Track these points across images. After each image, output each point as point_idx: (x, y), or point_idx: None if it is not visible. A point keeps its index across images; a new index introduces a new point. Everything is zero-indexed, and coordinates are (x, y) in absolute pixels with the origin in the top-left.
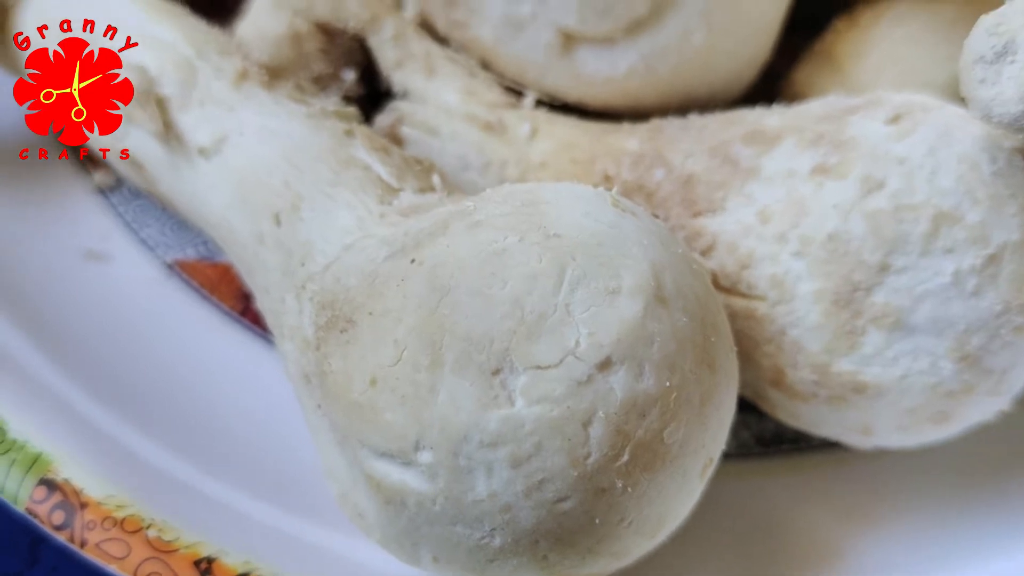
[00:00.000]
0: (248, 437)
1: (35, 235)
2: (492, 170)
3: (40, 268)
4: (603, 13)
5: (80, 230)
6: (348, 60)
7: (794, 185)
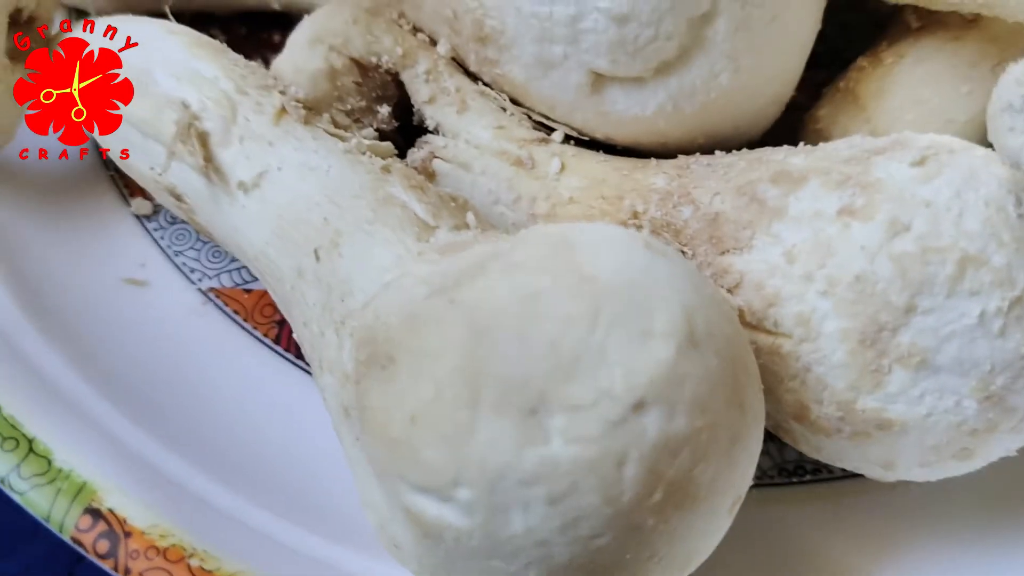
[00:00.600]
0: (286, 465)
1: (75, 261)
2: (522, 204)
3: (80, 294)
4: (633, 55)
5: (118, 256)
6: (382, 95)
7: (821, 226)
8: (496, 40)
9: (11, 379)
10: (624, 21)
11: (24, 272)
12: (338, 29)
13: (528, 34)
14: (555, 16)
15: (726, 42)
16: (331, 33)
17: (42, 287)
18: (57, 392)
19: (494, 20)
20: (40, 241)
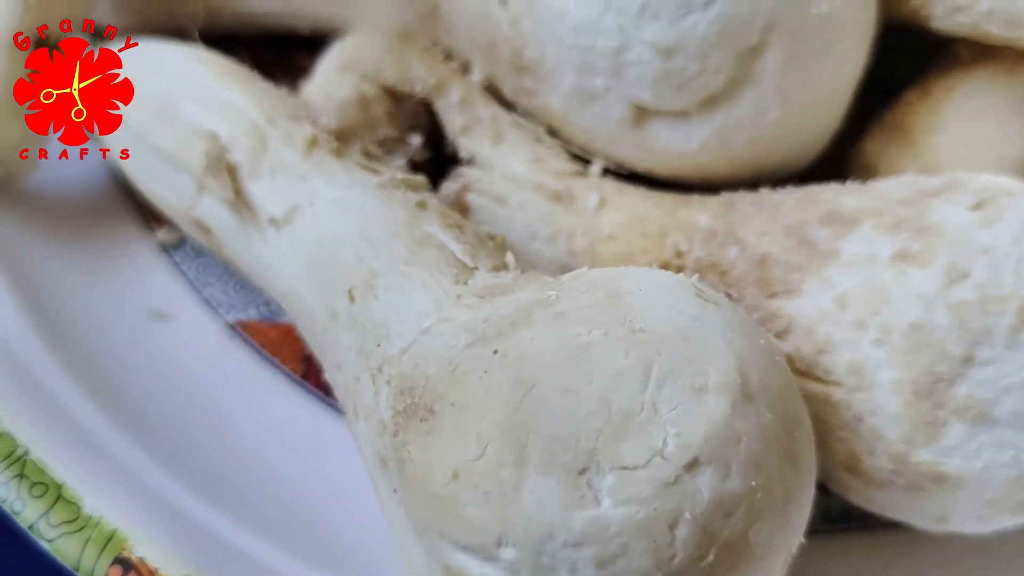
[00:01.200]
0: (316, 510)
1: (100, 294)
2: (560, 241)
3: (106, 328)
4: (679, 89)
5: (144, 289)
6: (414, 124)
7: (874, 271)
8: (535, 70)
9: (38, 420)
10: (670, 54)
11: (49, 305)
12: (370, 57)
13: (569, 65)
14: (598, 48)
15: (775, 76)
16: (363, 61)
17: (67, 321)
18: (84, 433)
19: (533, 50)
20: (65, 272)
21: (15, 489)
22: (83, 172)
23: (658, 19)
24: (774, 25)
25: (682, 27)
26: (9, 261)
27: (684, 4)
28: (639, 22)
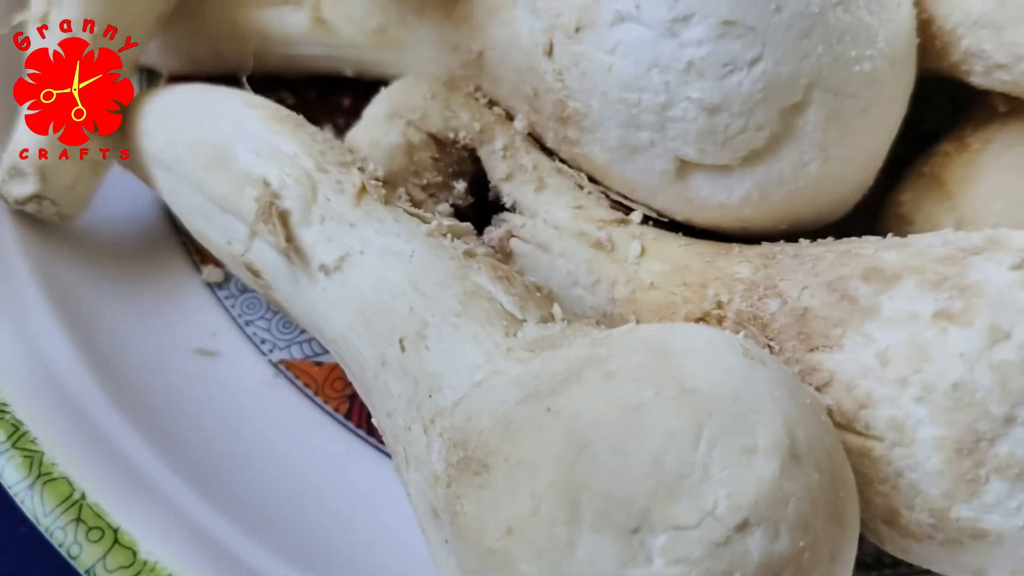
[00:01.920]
0: (360, 548)
1: (148, 331)
2: (601, 288)
3: (154, 366)
4: (723, 145)
5: (190, 326)
6: (459, 170)
7: (916, 329)
8: (578, 122)
9: (94, 463)
10: (715, 111)
11: (101, 343)
12: (416, 104)
13: (614, 119)
14: (644, 103)
15: (817, 132)
16: (409, 108)
17: (117, 358)
18: (138, 475)
19: (578, 102)
20: (116, 309)
21: (72, 533)
22: (132, 209)
23: (704, 77)
24: (817, 83)
25: (727, 85)
26: (61, 298)
27: (729, 62)
28: (685, 79)
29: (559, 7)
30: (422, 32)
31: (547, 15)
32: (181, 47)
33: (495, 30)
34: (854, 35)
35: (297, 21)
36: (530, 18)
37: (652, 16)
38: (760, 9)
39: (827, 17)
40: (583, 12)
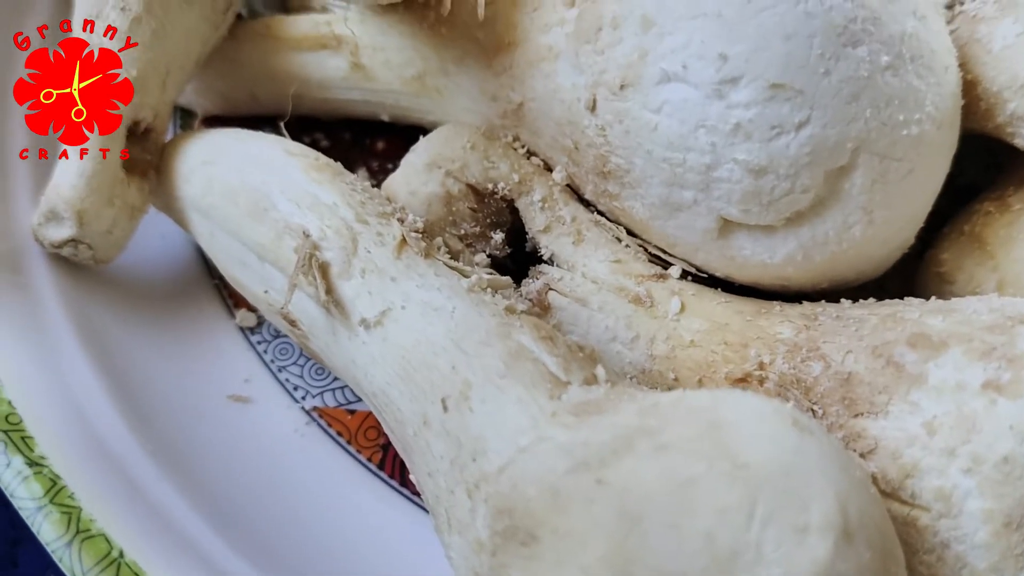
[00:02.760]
0: None
1: (181, 377)
2: (640, 344)
3: (187, 413)
4: (767, 206)
5: (223, 371)
6: (497, 220)
7: (964, 399)
8: (620, 177)
9: (130, 517)
10: (761, 173)
11: (134, 390)
12: (456, 155)
13: (657, 177)
14: (689, 163)
15: (862, 195)
16: (449, 158)
17: (152, 406)
18: (172, 528)
19: (620, 159)
20: (148, 355)
21: None
22: (165, 250)
23: (750, 139)
24: (864, 147)
25: (774, 148)
26: (96, 343)
27: (777, 125)
28: (731, 141)
29: (603, 64)
30: (461, 81)
31: (590, 71)
32: (216, 88)
33: (536, 82)
34: (902, 99)
35: (335, 66)
36: (572, 72)
37: (699, 77)
38: (809, 73)
39: (876, 82)
40: (628, 70)
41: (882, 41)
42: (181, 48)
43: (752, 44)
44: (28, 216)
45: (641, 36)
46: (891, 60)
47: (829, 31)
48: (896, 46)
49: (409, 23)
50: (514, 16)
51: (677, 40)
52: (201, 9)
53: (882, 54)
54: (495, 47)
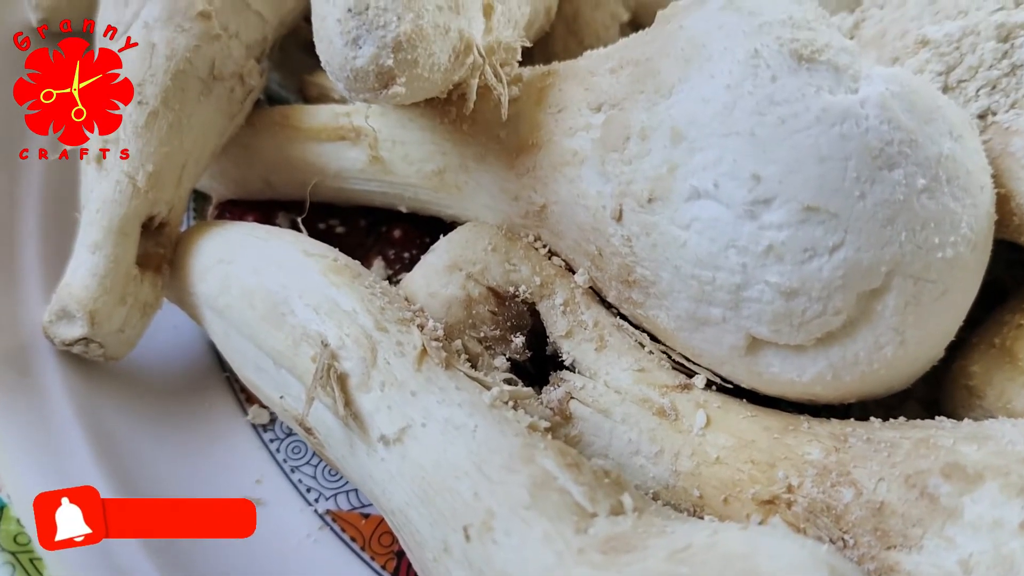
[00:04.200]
0: None
1: (192, 478)
2: (664, 459)
3: None
4: (798, 328)
5: (235, 471)
6: (517, 324)
7: (1001, 538)
8: (645, 288)
9: None
10: (793, 295)
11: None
12: (477, 257)
13: (684, 292)
14: (718, 281)
15: (895, 316)
16: (469, 261)
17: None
18: None
19: (646, 270)
20: (158, 454)
21: None
22: (176, 342)
23: (783, 261)
24: (898, 269)
25: (806, 270)
26: (105, 442)
27: (810, 248)
28: (763, 262)
29: (630, 174)
30: (482, 179)
31: (617, 179)
32: (231, 174)
33: (559, 186)
34: (938, 222)
35: (353, 158)
36: (598, 179)
37: (731, 196)
38: (844, 196)
39: (912, 205)
40: (657, 183)
41: (918, 163)
42: (198, 141)
43: (786, 165)
44: (36, 309)
45: (671, 149)
46: (927, 183)
47: (865, 154)
48: (932, 168)
49: (430, 118)
50: (537, 116)
51: (708, 157)
52: (218, 101)
53: (918, 177)
54: (517, 147)
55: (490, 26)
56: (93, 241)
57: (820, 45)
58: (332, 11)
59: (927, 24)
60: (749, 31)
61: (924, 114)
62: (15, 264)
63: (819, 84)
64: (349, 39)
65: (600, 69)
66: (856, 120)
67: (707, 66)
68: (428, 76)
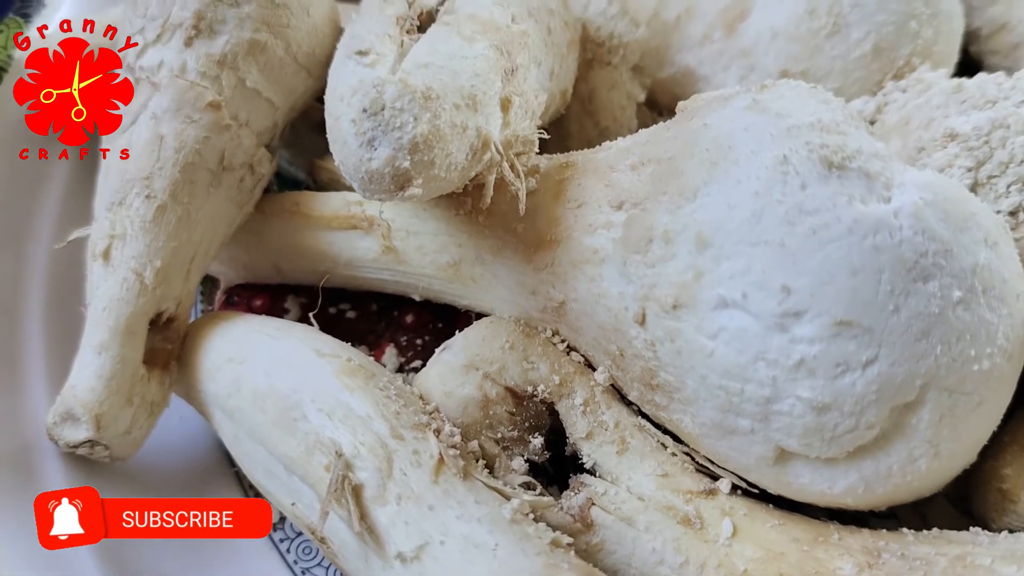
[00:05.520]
0: None
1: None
2: (689, 570)
3: None
4: (829, 442)
5: (244, 571)
6: (536, 424)
7: None
8: (669, 392)
9: None
10: (824, 410)
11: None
12: (494, 356)
13: (711, 401)
14: (746, 393)
15: (929, 429)
16: (487, 360)
17: None
18: None
19: (670, 375)
20: (162, 551)
21: None
22: (183, 437)
23: (814, 375)
24: (933, 383)
25: (839, 385)
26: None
27: (842, 362)
28: (794, 376)
29: (653, 277)
30: (499, 272)
31: (639, 282)
32: (241, 260)
33: (579, 284)
34: (974, 334)
35: (365, 247)
36: (620, 280)
37: (760, 307)
38: (878, 310)
39: (947, 317)
40: (681, 289)
41: (953, 275)
42: (207, 233)
43: (817, 278)
44: (40, 408)
45: (696, 255)
46: (963, 294)
47: (899, 266)
48: (968, 279)
49: (445, 208)
50: (556, 211)
51: (736, 266)
52: (228, 191)
53: (954, 288)
54: (535, 241)
55: (507, 120)
56: (99, 342)
57: (851, 151)
58: (346, 111)
59: (953, 114)
60: (777, 134)
61: (959, 222)
62: (18, 363)
63: (850, 193)
64: (364, 140)
65: (620, 164)
66: (890, 231)
67: (733, 170)
68: (445, 176)
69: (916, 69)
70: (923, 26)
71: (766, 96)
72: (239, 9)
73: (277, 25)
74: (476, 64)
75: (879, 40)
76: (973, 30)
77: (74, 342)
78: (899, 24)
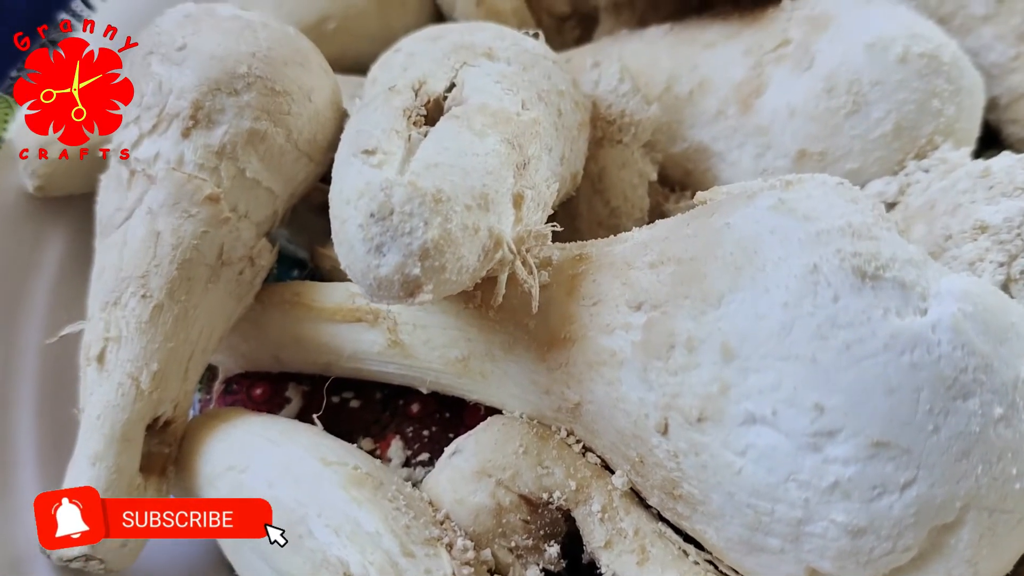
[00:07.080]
0: None
1: None
2: None
3: None
4: (865, 564)
5: None
6: (551, 532)
7: None
8: (692, 504)
9: None
10: (860, 534)
11: None
12: (507, 461)
13: (738, 519)
14: (776, 514)
15: (968, 549)
16: (499, 466)
17: None
18: None
19: (694, 488)
20: None
21: None
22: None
23: (849, 498)
24: (973, 503)
25: (875, 508)
26: None
27: (879, 485)
28: (827, 498)
29: (676, 387)
30: (510, 369)
31: (661, 390)
32: (240, 350)
33: (596, 386)
34: (1015, 451)
35: (370, 340)
36: (640, 386)
37: (791, 425)
38: (916, 430)
39: (988, 436)
40: (707, 402)
41: (994, 391)
42: (205, 330)
43: (852, 396)
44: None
45: (722, 366)
46: (1004, 411)
47: (937, 384)
48: (1009, 394)
49: (454, 302)
50: (569, 308)
51: (765, 380)
52: (227, 285)
53: (995, 405)
54: (548, 339)
55: (520, 216)
56: (94, 452)
57: (884, 260)
58: (354, 215)
59: (981, 200)
60: (805, 240)
61: (998, 334)
62: (9, 474)
63: (886, 305)
64: (372, 246)
65: (638, 262)
66: (927, 347)
67: (760, 277)
68: (456, 279)
69: (938, 147)
70: (945, 104)
71: (792, 195)
72: (238, 98)
73: (278, 113)
74: (487, 161)
75: (900, 119)
76: (992, 98)
77: (67, 443)
78: (921, 102)
